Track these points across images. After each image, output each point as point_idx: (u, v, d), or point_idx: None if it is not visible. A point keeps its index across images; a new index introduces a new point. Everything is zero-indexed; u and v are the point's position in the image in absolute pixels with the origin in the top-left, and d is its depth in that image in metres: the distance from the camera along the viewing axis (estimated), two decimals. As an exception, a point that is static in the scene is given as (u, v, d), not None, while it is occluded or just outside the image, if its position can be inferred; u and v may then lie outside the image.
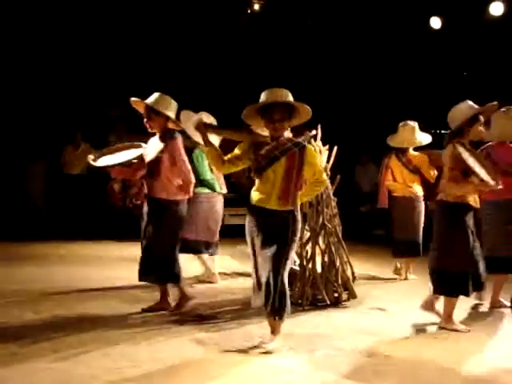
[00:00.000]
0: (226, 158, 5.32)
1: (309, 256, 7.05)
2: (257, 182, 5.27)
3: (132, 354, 5.16)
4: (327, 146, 7.32)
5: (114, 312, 6.44)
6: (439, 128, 14.17)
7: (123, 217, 8.97)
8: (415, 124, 8.72)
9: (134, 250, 7.46)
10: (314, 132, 7.02)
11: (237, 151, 5.32)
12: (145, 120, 6.40)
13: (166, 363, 4.94)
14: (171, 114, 6.44)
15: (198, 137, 7.61)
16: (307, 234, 7.13)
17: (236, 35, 13.30)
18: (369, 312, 6.82)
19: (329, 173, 7.28)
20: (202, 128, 5.45)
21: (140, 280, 6.52)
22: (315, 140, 7.23)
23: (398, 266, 8.89)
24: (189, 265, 7.87)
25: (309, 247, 7.08)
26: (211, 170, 7.90)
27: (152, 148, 6.39)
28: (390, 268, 9.17)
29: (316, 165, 5.42)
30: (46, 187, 12.51)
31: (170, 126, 6.53)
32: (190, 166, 6.53)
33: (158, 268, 6.33)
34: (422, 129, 8.90)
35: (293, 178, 5.14)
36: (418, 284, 8.35)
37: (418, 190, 8.72)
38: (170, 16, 12.59)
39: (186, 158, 6.47)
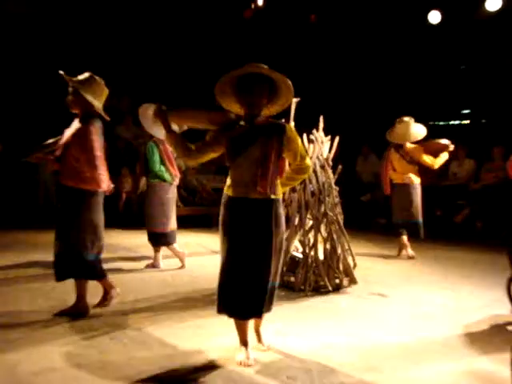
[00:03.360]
0: (192, 146, 4.70)
1: (311, 244, 7.05)
2: (231, 170, 4.61)
3: (141, 337, 5.19)
4: (329, 137, 7.32)
5: (121, 299, 6.45)
6: (435, 119, 14.23)
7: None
8: (410, 119, 9.12)
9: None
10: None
11: (206, 137, 4.69)
12: (67, 98, 5.73)
13: (175, 346, 4.97)
14: (92, 98, 5.63)
15: (154, 130, 7.68)
16: (310, 223, 7.13)
17: (240, 30, 13.31)
18: (369, 297, 6.84)
19: (331, 163, 7.31)
20: (163, 113, 4.77)
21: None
22: (317, 130, 7.25)
23: (404, 242, 9.27)
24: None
25: (311, 235, 7.08)
26: (163, 161, 7.91)
27: (68, 130, 5.74)
28: (390, 255, 9.25)
29: (298, 148, 4.69)
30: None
31: (97, 111, 5.73)
32: (99, 157, 5.63)
33: (69, 262, 5.66)
34: (419, 120, 9.09)
35: (271, 163, 4.47)
36: (415, 270, 8.39)
37: (415, 178, 9.20)
38: (176, 11, 12.57)
39: (97, 146, 5.60)
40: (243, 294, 4.50)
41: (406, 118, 9.10)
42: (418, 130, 9.06)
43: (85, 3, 12.12)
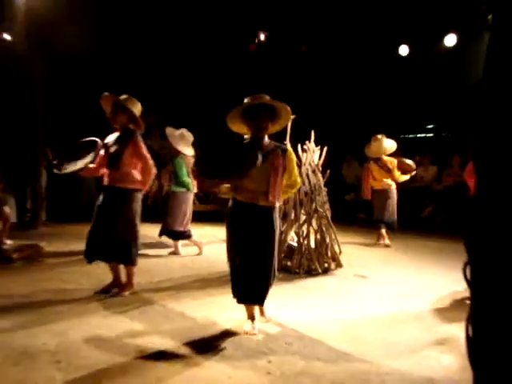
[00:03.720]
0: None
1: (304, 234, 7.05)
2: (244, 180, 4.53)
3: (165, 311, 5.18)
4: (319, 147, 7.31)
5: (148, 280, 6.44)
6: (404, 133, 14.28)
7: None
8: (382, 136, 9.20)
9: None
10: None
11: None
12: (110, 115, 5.70)
13: (193, 319, 4.96)
14: (136, 111, 5.71)
15: (181, 147, 7.74)
16: (303, 217, 7.12)
17: (247, 60, 13.35)
18: (353, 278, 6.83)
19: (320, 168, 7.31)
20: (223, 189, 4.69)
21: (94, 259, 5.69)
22: (309, 142, 7.24)
23: (382, 234, 9.28)
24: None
25: (304, 228, 7.08)
26: (188, 173, 7.91)
27: (112, 142, 5.70)
28: (370, 243, 9.24)
29: (294, 168, 4.77)
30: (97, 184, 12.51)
31: (131, 126, 5.73)
32: (151, 160, 5.76)
33: (117, 250, 5.60)
34: (391, 134, 9.18)
35: (278, 177, 4.55)
36: (390, 256, 8.38)
37: (391, 184, 9.19)
38: (196, 44, 12.59)
39: (143, 149, 5.68)
40: (247, 285, 4.56)
41: (379, 136, 9.17)
42: (390, 145, 9.15)
43: (117, 35, 12.11)
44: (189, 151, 7.85)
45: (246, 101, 4.55)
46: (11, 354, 4.00)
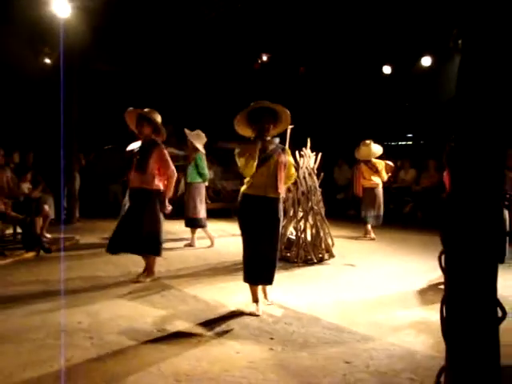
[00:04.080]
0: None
1: (302, 229, 7.04)
2: (253, 177, 4.54)
3: (181, 295, 5.20)
4: (314, 153, 7.31)
5: (167, 268, 6.45)
6: (388, 140, 14.32)
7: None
8: (371, 142, 9.12)
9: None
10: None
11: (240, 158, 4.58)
12: (135, 127, 5.68)
13: (205, 302, 4.97)
14: (159, 122, 5.71)
15: (198, 146, 7.73)
16: (300, 214, 7.11)
17: (252, 77, 13.40)
18: (344, 267, 6.82)
19: (316, 171, 7.30)
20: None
21: (120, 251, 5.66)
22: (306, 148, 7.24)
23: (368, 229, 9.19)
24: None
25: (302, 223, 7.07)
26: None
27: (137, 149, 5.66)
28: (359, 236, 9.22)
29: (291, 163, 4.87)
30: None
31: (153, 136, 5.70)
32: (171, 164, 5.65)
33: (146, 243, 5.58)
34: (377, 141, 9.27)
35: (282, 172, 4.60)
36: (376, 247, 8.37)
37: (379, 183, 9.11)
38: (208, 62, 12.62)
39: (166, 157, 5.63)
40: (260, 267, 4.58)
41: (368, 141, 9.11)
42: (377, 149, 9.10)
43: (141, 57, 12.16)
44: (202, 149, 7.85)
45: (251, 105, 4.55)
46: (52, 331, 4.03)
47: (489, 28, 1.72)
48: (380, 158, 9.20)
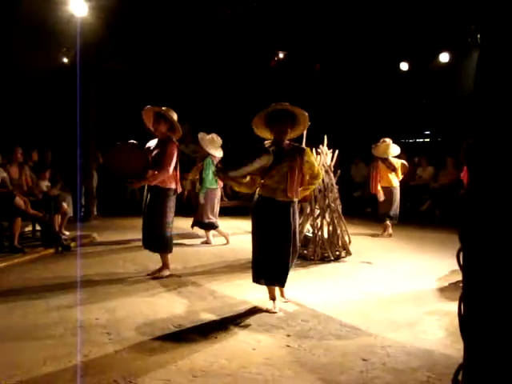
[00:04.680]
0: (246, 180, 4.53)
1: (318, 226, 7.02)
2: (265, 179, 4.50)
3: (199, 292, 5.22)
4: (331, 150, 7.29)
5: (184, 265, 6.48)
6: (405, 138, 14.24)
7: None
8: (390, 141, 9.06)
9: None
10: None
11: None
12: (152, 125, 5.72)
13: (222, 298, 4.99)
14: (175, 119, 5.74)
15: (210, 150, 7.74)
16: (317, 211, 7.10)
17: (268, 75, 13.38)
18: (360, 264, 6.79)
19: (332, 169, 7.28)
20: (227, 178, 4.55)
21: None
22: (323, 146, 7.22)
23: (387, 224, 9.13)
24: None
25: (318, 220, 7.05)
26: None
27: (154, 146, 5.74)
28: (375, 234, 9.17)
29: (313, 162, 4.73)
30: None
31: (169, 133, 5.76)
32: (171, 164, 5.60)
33: (154, 238, 5.70)
34: (394, 138, 9.26)
35: (296, 175, 4.49)
36: (394, 245, 8.32)
37: (395, 182, 9.07)
38: (225, 61, 12.63)
39: (172, 157, 5.60)
40: (267, 268, 4.55)
41: (387, 140, 9.05)
42: (395, 149, 9.02)
43: (158, 56, 12.20)
44: (218, 153, 7.85)
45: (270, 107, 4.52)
46: (70, 327, 4.08)
47: (508, 21, 1.70)
48: (397, 156, 9.15)
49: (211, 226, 8.02)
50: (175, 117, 5.77)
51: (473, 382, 1.73)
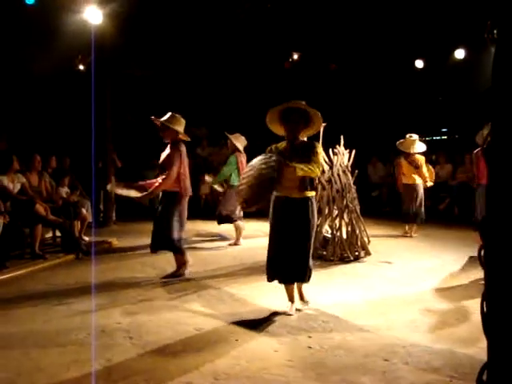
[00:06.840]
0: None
1: (337, 227, 7.01)
2: (279, 178, 4.29)
3: (218, 295, 5.23)
4: (348, 150, 7.27)
5: (203, 268, 6.50)
6: (422, 135, 14.14)
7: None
8: (417, 136, 8.98)
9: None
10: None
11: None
12: (160, 132, 5.87)
13: (242, 301, 5.00)
14: (178, 128, 5.79)
15: (238, 144, 7.80)
16: (335, 212, 7.09)
17: (283, 76, 13.36)
18: (379, 264, 6.76)
19: (350, 169, 7.26)
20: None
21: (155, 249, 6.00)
22: (339, 146, 7.21)
23: (407, 228, 9.09)
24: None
25: (337, 221, 7.04)
26: (238, 170, 7.77)
27: (164, 153, 5.88)
28: (395, 233, 9.13)
29: (318, 158, 4.49)
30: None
31: (181, 137, 5.91)
32: (176, 171, 5.67)
33: (163, 240, 5.83)
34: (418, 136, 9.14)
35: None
36: (413, 244, 8.26)
37: (418, 180, 9.00)
38: (240, 64, 12.65)
39: (176, 163, 5.68)
40: (289, 266, 4.51)
41: (414, 135, 8.96)
42: (420, 146, 8.94)
43: (174, 61, 12.25)
44: (242, 150, 7.97)
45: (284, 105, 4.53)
46: (92, 332, 4.11)
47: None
48: (424, 155, 9.04)
49: (228, 219, 8.04)
50: (178, 123, 5.84)
51: (498, 381, 1.71)
